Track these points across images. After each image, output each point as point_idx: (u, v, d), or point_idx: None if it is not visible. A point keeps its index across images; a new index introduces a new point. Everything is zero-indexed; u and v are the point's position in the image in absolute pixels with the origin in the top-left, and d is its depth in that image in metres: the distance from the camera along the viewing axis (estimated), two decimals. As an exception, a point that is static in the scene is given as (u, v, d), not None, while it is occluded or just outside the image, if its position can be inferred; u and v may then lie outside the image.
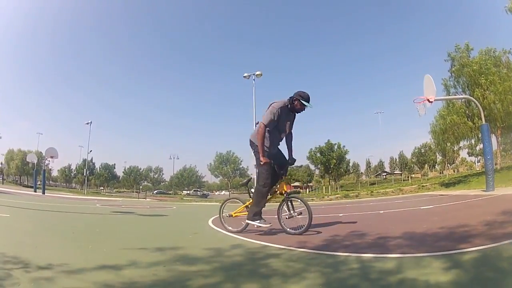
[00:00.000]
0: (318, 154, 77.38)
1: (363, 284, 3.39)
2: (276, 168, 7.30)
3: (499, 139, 34.14)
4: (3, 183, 63.56)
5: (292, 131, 7.67)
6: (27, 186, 72.07)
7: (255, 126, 7.77)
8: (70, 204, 19.42)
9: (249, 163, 66.11)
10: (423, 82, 17.55)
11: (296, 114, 7.49)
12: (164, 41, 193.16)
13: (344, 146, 77.89)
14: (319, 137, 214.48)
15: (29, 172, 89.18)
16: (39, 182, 43.78)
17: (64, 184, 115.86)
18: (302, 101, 7.02)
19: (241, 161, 76.16)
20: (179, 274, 4.07)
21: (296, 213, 7.25)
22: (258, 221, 7.33)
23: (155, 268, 4.24)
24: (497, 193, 13.71)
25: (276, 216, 7.49)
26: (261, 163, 7.00)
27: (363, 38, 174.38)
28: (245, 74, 41.90)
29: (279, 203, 7.53)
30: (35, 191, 38.44)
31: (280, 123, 7.25)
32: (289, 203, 7.34)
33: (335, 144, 77.53)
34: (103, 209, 17.23)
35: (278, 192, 7.43)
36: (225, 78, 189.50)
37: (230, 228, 7.95)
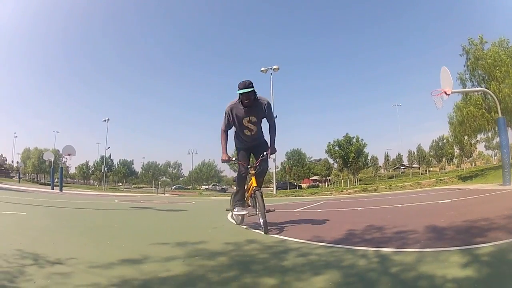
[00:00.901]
0: (337, 148, 76.82)
1: (381, 278, 3.40)
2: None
3: None
4: (19, 182, 63.99)
5: (275, 122, 7.63)
6: (44, 184, 72.48)
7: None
8: (88, 201, 19.63)
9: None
10: (439, 74, 17.46)
11: (266, 106, 7.35)
12: (179, 38, 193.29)
13: (362, 139, 77.34)
14: (337, 130, 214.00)
15: (46, 170, 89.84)
16: (56, 180, 44.12)
17: (82, 181, 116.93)
18: (238, 92, 6.83)
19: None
20: (199, 269, 4.12)
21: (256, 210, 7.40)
22: (236, 209, 7.96)
23: (174, 263, 4.31)
24: (513, 187, 13.61)
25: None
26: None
27: (382, 27, 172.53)
28: (262, 69, 42.03)
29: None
30: (53, 189, 38.53)
31: (238, 121, 7.30)
32: (254, 199, 7.43)
33: (353, 137, 77.04)
34: (121, 205, 17.41)
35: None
36: (242, 72, 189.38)
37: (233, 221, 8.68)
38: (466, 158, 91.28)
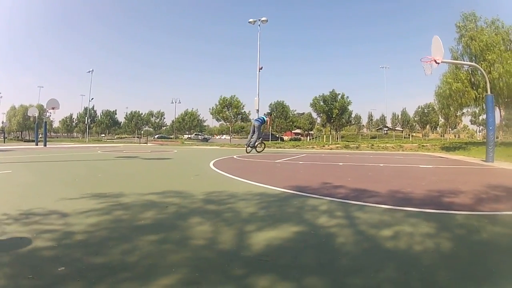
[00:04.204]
0: (321, 103, 76.84)
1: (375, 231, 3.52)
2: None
3: (503, 113, 33.50)
4: (4, 142, 62.55)
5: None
6: (29, 141, 71.28)
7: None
8: (72, 153, 19.28)
9: (251, 108, 65.79)
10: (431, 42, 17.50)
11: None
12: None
13: (347, 97, 77.05)
14: (323, 85, 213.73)
15: (31, 126, 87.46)
16: (40, 135, 43.56)
17: (66, 134, 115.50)
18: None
19: (243, 106, 74.37)
20: (180, 212, 4.31)
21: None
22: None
23: (155, 211, 4.38)
24: (496, 165, 13.63)
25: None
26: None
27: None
28: (251, 20, 41.61)
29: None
30: (37, 145, 37.68)
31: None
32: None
33: (339, 94, 76.95)
34: (105, 155, 17.28)
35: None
36: (232, 20, 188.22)
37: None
38: (450, 129, 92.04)
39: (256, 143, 19.84)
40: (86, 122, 79.85)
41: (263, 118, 20.62)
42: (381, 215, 4.19)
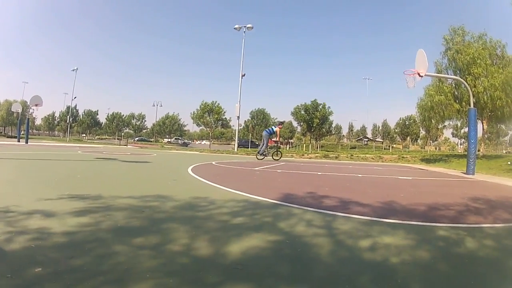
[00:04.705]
0: (303, 112, 76.97)
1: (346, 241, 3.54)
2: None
3: (485, 127, 33.59)
4: None
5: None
6: (11, 137, 70.50)
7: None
8: (53, 152, 19.19)
9: (232, 114, 65.82)
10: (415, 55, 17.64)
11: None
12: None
13: (329, 107, 77.42)
14: (305, 95, 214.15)
15: (14, 122, 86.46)
16: (22, 132, 43.15)
17: (47, 132, 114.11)
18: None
19: (225, 112, 74.07)
20: (156, 217, 4.35)
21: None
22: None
23: (132, 214, 4.40)
24: (477, 178, 13.76)
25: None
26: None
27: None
28: (236, 26, 41.43)
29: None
30: (19, 141, 37.45)
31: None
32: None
33: (321, 104, 77.17)
34: (85, 156, 17.21)
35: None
36: (216, 26, 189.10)
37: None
38: (431, 141, 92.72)
39: (267, 152, 22.09)
40: (67, 121, 79.01)
41: (272, 129, 22.24)
42: (357, 226, 4.23)
